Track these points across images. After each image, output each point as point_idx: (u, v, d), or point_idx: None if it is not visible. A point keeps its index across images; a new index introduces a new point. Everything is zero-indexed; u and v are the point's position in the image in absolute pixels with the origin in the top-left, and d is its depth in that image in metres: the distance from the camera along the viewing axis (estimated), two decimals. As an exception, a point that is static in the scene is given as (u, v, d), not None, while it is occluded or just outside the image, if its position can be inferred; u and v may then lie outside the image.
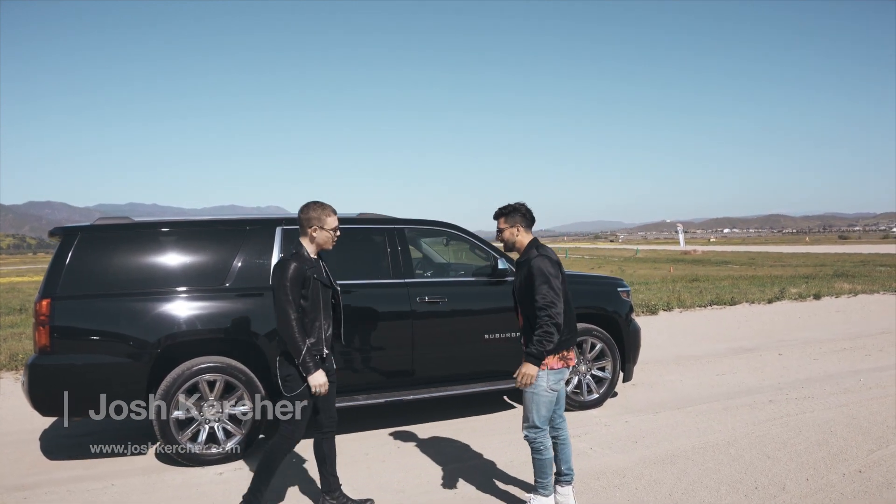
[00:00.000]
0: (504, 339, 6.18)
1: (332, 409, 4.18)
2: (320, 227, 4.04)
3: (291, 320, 3.84)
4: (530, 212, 4.18)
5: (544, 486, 4.05)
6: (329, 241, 4.09)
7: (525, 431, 4.05)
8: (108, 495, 4.71)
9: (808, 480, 4.59)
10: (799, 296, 16.13)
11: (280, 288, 3.85)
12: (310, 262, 3.96)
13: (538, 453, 4.03)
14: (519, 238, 4.15)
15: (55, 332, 5.03)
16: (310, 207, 4.06)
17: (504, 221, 4.18)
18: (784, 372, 8.20)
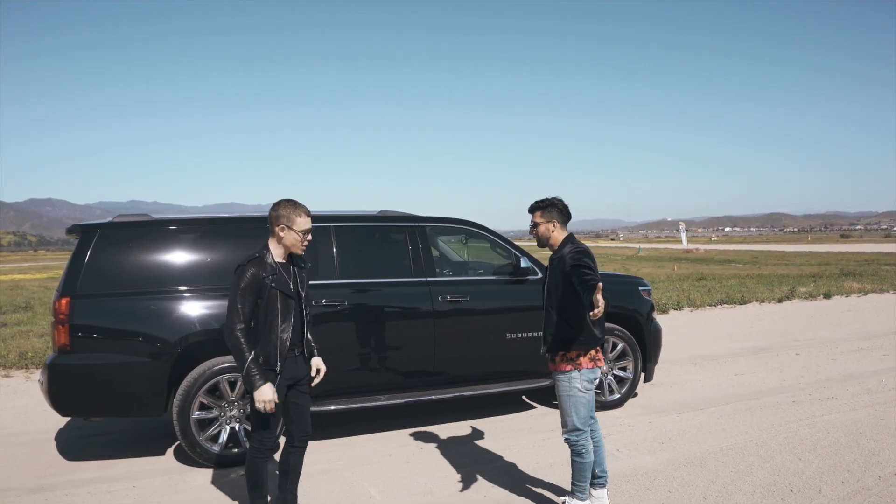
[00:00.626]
0: (526, 338, 6.10)
1: (304, 420, 3.87)
2: (288, 227, 3.66)
3: (235, 330, 3.52)
4: (567, 207, 4.07)
5: (581, 489, 3.97)
6: (298, 243, 3.70)
7: (566, 435, 3.95)
8: (129, 497, 4.63)
9: (844, 483, 4.50)
10: (809, 295, 16.06)
11: (231, 294, 3.57)
12: (271, 269, 3.61)
13: (579, 456, 3.94)
14: (554, 234, 4.03)
15: (75, 332, 4.94)
16: (280, 205, 3.69)
17: (540, 216, 4.04)
18: (804, 372, 8.11)
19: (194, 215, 5.64)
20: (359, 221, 5.94)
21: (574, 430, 3.92)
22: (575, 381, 3.89)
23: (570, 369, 3.89)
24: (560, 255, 3.95)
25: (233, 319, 3.55)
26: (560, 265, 3.90)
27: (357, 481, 4.81)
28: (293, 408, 3.83)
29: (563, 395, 3.92)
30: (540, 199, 4.10)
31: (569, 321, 3.87)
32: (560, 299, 3.90)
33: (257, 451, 3.75)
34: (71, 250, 5.21)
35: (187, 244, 5.36)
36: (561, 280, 3.87)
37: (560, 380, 3.94)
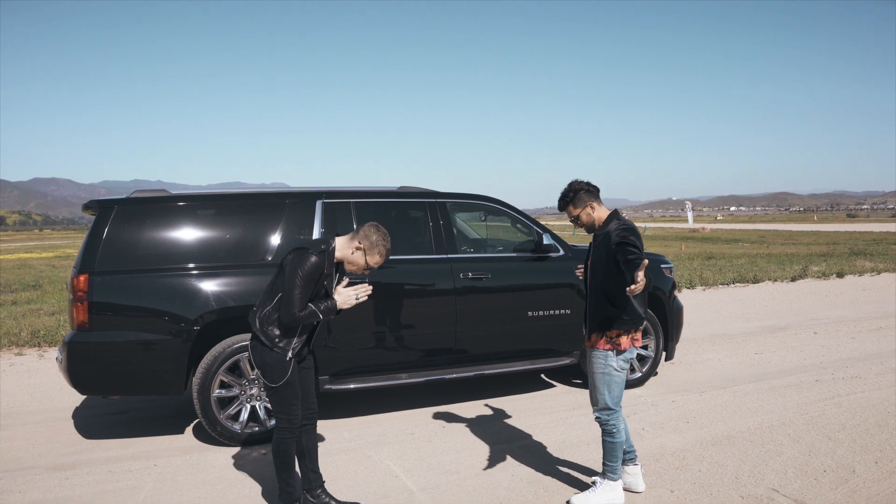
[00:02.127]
0: (548, 316, 6.02)
1: (310, 399, 3.84)
2: (367, 251, 3.59)
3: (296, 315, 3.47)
4: (590, 184, 3.92)
5: (613, 469, 3.89)
6: (356, 268, 3.64)
7: (597, 413, 3.87)
8: (151, 476, 4.58)
9: (877, 463, 4.43)
10: (822, 274, 15.94)
11: (291, 280, 3.48)
12: (329, 268, 3.58)
13: (610, 436, 3.87)
14: (597, 214, 3.88)
15: (94, 309, 4.86)
16: (378, 231, 3.61)
17: (574, 208, 3.89)
18: (823, 351, 8.02)
19: (213, 191, 5.54)
20: (379, 197, 5.82)
21: (605, 408, 3.84)
22: (611, 359, 3.80)
23: (609, 348, 3.80)
24: (605, 231, 3.82)
25: (291, 306, 3.47)
26: (605, 242, 3.77)
27: (381, 460, 4.75)
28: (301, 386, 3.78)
29: (598, 372, 3.83)
30: (564, 193, 3.94)
31: (612, 299, 3.76)
32: (604, 277, 3.79)
33: (286, 430, 3.68)
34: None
35: (205, 220, 5.27)
36: (605, 257, 3.76)
37: (596, 356, 3.85)
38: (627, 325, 3.78)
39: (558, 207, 3.98)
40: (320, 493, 3.89)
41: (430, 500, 4.06)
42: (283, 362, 3.58)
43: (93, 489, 4.38)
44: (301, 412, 3.73)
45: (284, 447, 3.70)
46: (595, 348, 3.86)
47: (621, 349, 3.80)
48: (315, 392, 3.91)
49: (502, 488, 4.19)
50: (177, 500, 4.18)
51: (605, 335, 3.81)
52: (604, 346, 3.81)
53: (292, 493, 3.75)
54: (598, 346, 3.83)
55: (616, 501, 3.87)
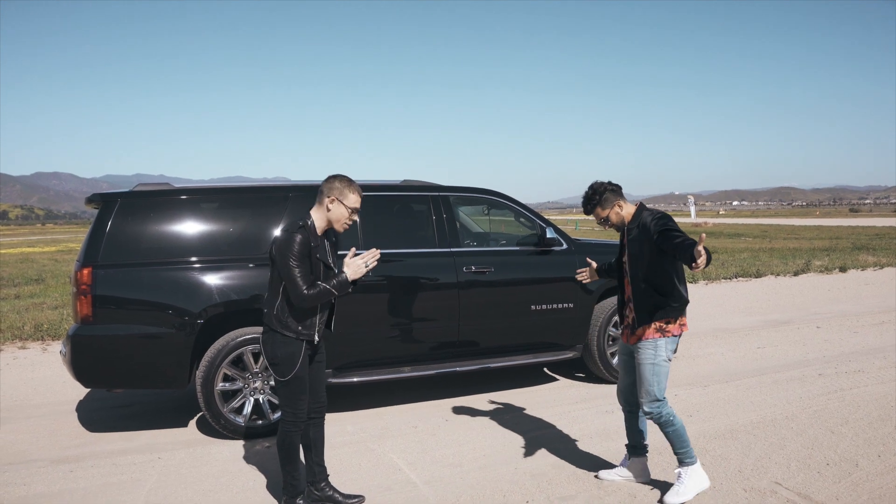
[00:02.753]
0: (551, 309, 6.02)
1: (319, 393, 3.83)
2: (339, 200, 3.58)
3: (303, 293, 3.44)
4: (613, 183, 3.92)
5: (688, 454, 3.85)
6: (343, 219, 3.62)
7: (648, 407, 3.82)
8: (155, 469, 4.59)
9: (881, 457, 4.42)
10: (824, 268, 15.92)
11: (285, 263, 3.46)
12: (316, 239, 3.56)
13: (670, 425, 3.83)
14: (625, 211, 3.89)
15: (97, 302, 4.87)
16: (336, 178, 3.62)
17: (602, 210, 3.89)
18: (826, 345, 8.02)
19: (216, 184, 5.54)
20: (382, 191, 5.82)
21: (655, 400, 3.81)
22: (661, 349, 3.78)
23: (659, 336, 3.78)
24: (639, 224, 3.80)
25: (297, 287, 3.45)
26: (643, 235, 3.75)
27: (384, 453, 4.76)
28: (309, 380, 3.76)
29: (647, 363, 3.79)
30: (588, 196, 3.92)
31: (658, 289, 3.75)
32: (648, 268, 3.75)
33: (291, 423, 3.67)
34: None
35: (209, 214, 5.27)
36: (647, 249, 3.73)
37: (645, 348, 3.80)
38: (676, 311, 3.78)
39: (585, 211, 3.96)
40: (324, 486, 3.90)
41: (433, 492, 4.07)
42: (294, 356, 3.57)
43: (97, 482, 4.39)
44: (307, 406, 3.74)
45: (289, 440, 3.70)
46: (642, 339, 3.82)
47: (672, 335, 3.80)
48: (325, 386, 3.91)
49: (505, 481, 4.20)
50: (181, 492, 4.19)
51: (653, 324, 3.78)
52: (653, 334, 3.78)
53: (296, 486, 3.75)
54: (648, 336, 3.79)
55: (704, 485, 3.86)
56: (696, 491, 3.83)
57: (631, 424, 4.15)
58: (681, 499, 3.79)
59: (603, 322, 6.22)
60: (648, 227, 3.73)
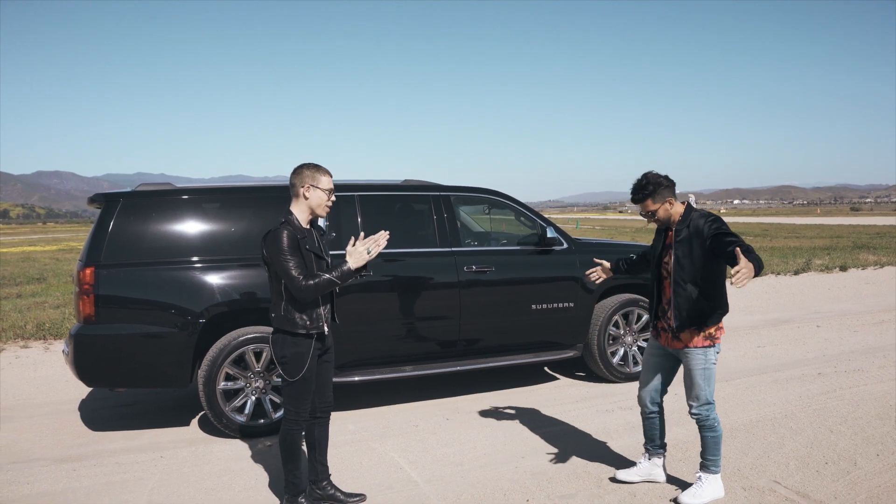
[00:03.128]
0: (551, 309, 6.04)
1: (326, 393, 3.86)
2: (313, 186, 3.61)
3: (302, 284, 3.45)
4: (669, 178, 3.78)
5: (716, 462, 3.85)
6: (322, 202, 3.65)
7: (698, 410, 3.80)
8: (158, 467, 4.62)
9: (879, 456, 4.45)
10: (825, 267, 15.92)
11: (278, 259, 3.47)
12: (301, 231, 3.59)
13: (712, 430, 3.81)
14: (674, 209, 3.77)
15: (100, 302, 4.89)
16: (303, 167, 3.66)
17: (652, 203, 3.74)
18: (826, 344, 8.04)
19: (218, 184, 5.56)
20: (383, 191, 5.84)
21: (706, 403, 3.78)
22: (710, 354, 3.75)
23: (710, 344, 3.74)
24: (689, 225, 3.71)
25: (294, 280, 3.47)
26: (694, 237, 3.67)
27: (385, 452, 4.79)
28: (316, 378, 3.77)
29: (698, 368, 3.75)
30: (641, 185, 3.76)
31: (707, 294, 3.68)
32: (696, 272, 3.68)
33: (293, 422, 3.70)
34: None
35: (211, 213, 5.30)
36: (699, 252, 3.65)
37: (695, 354, 3.76)
38: (720, 317, 3.73)
39: (634, 200, 3.82)
40: (326, 485, 3.92)
41: (434, 491, 4.10)
42: (303, 356, 3.58)
43: (100, 480, 4.42)
44: (310, 407, 3.76)
45: (291, 439, 3.73)
46: (692, 347, 3.77)
47: (719, 342, 3.77)
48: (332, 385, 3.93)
49: (506, 480, 4.23)
50: (183, 491, 4.22)
51: (701, 331, 3.73)
52: (703, 342, 3.73)
53: (298, 485, 3.77)
54: (695, 343, 3.75)
55: (719, 494, 3.84)
56: (712, 498, 3.82)
57: (653, 424, 4.11)
58: (697, 500, 3.78)
59: (603, 321, 6.24)
60: (701, 229, 3.64)
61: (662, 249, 3.90)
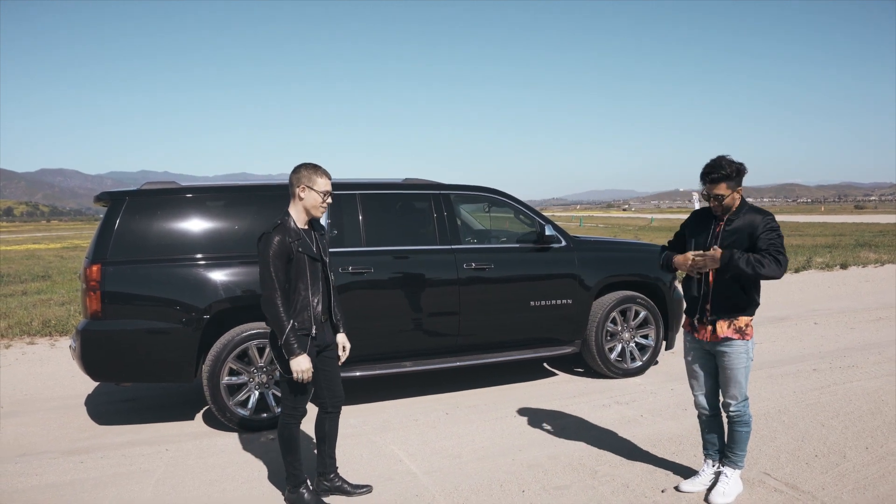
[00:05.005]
0: (550, 305, 6.15)
1: (336, 386, 3.93)
2: (309, 187, 3.67)
3: (276, 299, 3.57)
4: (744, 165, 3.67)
5: (743, 458, 3.90)
6: (317, 204, 3.70)
7: (737, 408, 3.81)
8: (163, 460, 4.73)
9: (868, 449, 4.54)
10: (825, 265, 15.98)
11: (263, 263, 3.58)
12: (295, 234, 3.64)
13: (747, 426, 3.85)
14: (737, 198, 3.69)
15: (106, 298, 5.01)
16: (301, 167, 3.73)
17: (727, 187, 3.61)
18: (823, 341, 8.12)
19: (222, 183, 5.66)
20: (384, 189, 5.95)
21: (745, 399, 3.82)
22: (750, 350, 3.78)
23: (748, 339, 3.75)
24: (744, 218, 3.67)
25: (269, 288, 3.58)
26: (748, 230, 3.63)
27: (385, 445, 4.89)
28: (322, 374, 3.86)
29: (738, 366, 3.75)
30: (720, 165, 3.60)
31: (745, 288, 3.70)
32: None
33: (290, 417, 3.81)
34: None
35: (215, 211, 5.40)
36: (745, 245, 3.62)
37: (735, 350, 3.74)
38: (753, 311, 3.75)
39: (710, 179, 3.62)
40: (333, 478, 4.02)
41: (432, 482, 4.20)
42: None
43: (107, 472, 4.54)
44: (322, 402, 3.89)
45: (288, 433, 3.83)
46: (729, 340, 3.75)
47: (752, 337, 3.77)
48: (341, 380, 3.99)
49: (502, 471, 4.33)
50: (188, 482, 4.33)
51: (735, 325, 3.73)
52: (738, 336, 3.73)
53: (298, 476, 3.88)
54: (732, 336, 3.73)
55: (741, 490, 3.90)
56: (737, 493, 3.87)
57: (714, 426, 4.03)
58: (727, 499, 3.81)
59: (601, 318, 6.34)
60: (756, 226, 3.61)
61: (710, 238, 3.77)
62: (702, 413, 4.02)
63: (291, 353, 3.59)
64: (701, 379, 3.97)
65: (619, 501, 3.87)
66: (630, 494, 3.96)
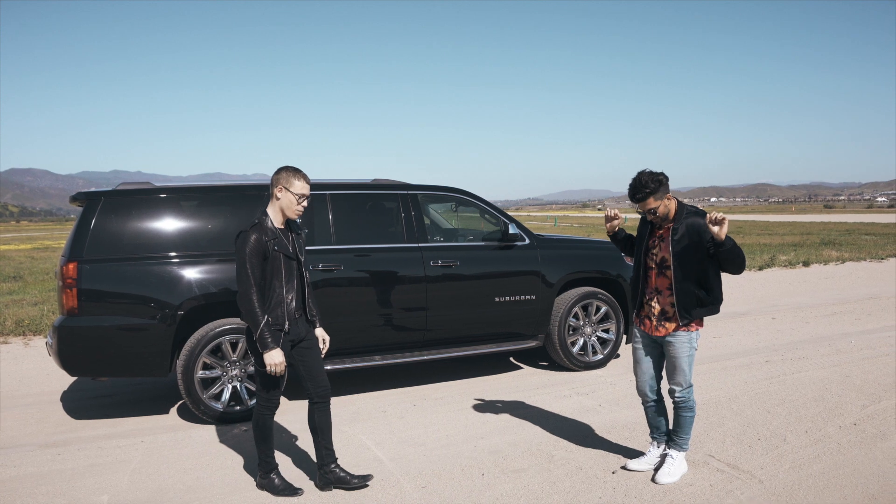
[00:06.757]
0: (514, 301, 6.39)
1: (319, 378, 4.04)
2: (286, 188, 3.82)
3: (251, 295, 3.72)
4: (664, 174, 3.94)
5: (687, 441, 4.17)
6: (292, 205, 3.86)
7: (681, 393, 4.09)
8: (138, 451, 4.90)
9: (807, 433, 4.85)
10: (788, 263, 16.48)
11: (240, 260, 3.74)
12: (272, 233, 3.80)
13: (691, 411, 4.13)
14: (670, 205, 3.97)
15: (82, 295, 5.16)
16: (282, 169, 3.89)
17: (654, 200, 3.89)
18: (778, 335, 8.48)
19: (195, 183, 5.83)
20: (353, 189, 6.15)
21: (689, 386, 4.10)
22: (694, 340, 4.05)
23: (688, 330, 4.02)
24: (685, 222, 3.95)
25: (245, 284, 3.75)
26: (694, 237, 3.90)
27: (354, 435, 5.10)
28: (302, 366, 4.01)
29: (683, 355, 4.02)
30: (642, 183, 3.89)
31: (705, 286, 3.96)
32: (697, 265, 3.93)
33: (265, 408, 3.99)
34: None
35: (189, 211, 5.58)
36: (697, 247, 3.89)
37: (680, 340, 4.02)
38: (713, 309, 4.02)
39: (635, 199, 3.93)
40: (334, 468, 4.11)
41: (397, 468, 4.43)
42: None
43: (83, 463, 4.69)
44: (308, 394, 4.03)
45: (263, 422, 4.02)
46: (677, 332, 4.02)
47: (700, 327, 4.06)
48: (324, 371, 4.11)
49: (465, 457, 4.57)
50: (163, 471, 4.50)
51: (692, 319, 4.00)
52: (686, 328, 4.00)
53: (269, 463, 4.08)
54: (681, 329, 4.00)
55: (685, 470, 4.18)
56: (682, 473, 4.16)
57: (656, 413, 4.30)
58: (672, 479, 4.09)
59: (563, 313, 6.60)
60: (700, 230, 3.88)
61: (650, 241, 4.10)
62: (644, 400, 4.30)
63: (265, 348, 3.76)
64: (645, 366, 4.24)
65: (572, 482, 4.13)
66: (583, 476, 4.22)
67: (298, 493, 4.05)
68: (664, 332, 4.07)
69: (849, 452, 4.46)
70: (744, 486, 4.00)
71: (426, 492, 4.06)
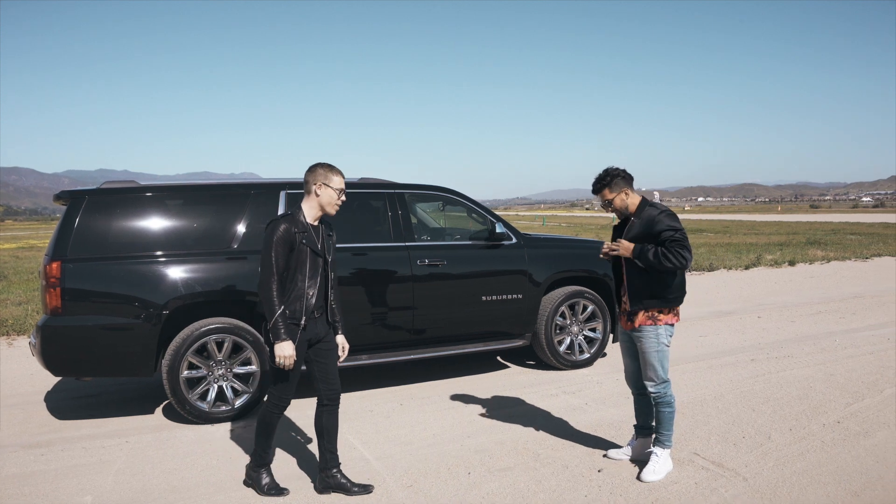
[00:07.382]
0: (501, 300, 6.40)
1: (331, 380, 3.99)
2: (325, 185, 3.81)
3: (271, 283, 3.71)
4: (627, 172, 4.14)
5: (670, 437, 4.20)
6: (333, 201, 3.86)
7: (655, 389, 4.13)
8: (123, 451, 4.86)
9: (791, 430, 4.88)
10: (774, 262, 16.60)
11: (265, 247, 3.73)
12: (303, 227, 3.79)
13: (668, 406, 4.17)
14: (630, 200, 4.13)
15: (66, 295, 5.11)
16: (318, 165, 3.88)
17: (609, 192, 4.11)
18: (763, 334, 8.54)
19: (180, 182, 5.80)
20: (340, 188, 6.13)
21: (662, 381, 4.14)
22: (662, 336, 4.09)
23: (659, 324, 4.08)
24: (643, 217, 4.07)
25: (267, 273, 3.71)
26: (646, 229, 4.03)
27: (341, 434, 5.04)
28: (317, 366, 3.97)
29: (651, 350, 4.09)
30: (600, 177, 4.15)
31: (656, 279, 4.03)
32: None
33: (275, 406, 3.94)
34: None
35: (174, 210, 5.55)
36: (651, 239, 4.01)
37: (647, 337, 4.10)
38: (671, 302, 4.08)
39: (593, 191, 4.19)
40: (335, 473, 4.04)
41: (383, 466, 4.42)
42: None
43: (67, 463, 4.66)
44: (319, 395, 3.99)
45: (269, 419, 3.99)
46: (642, 327, 4.11)
47: (666, 323, 4.10)
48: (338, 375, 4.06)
49: (451, 456, 4.57)
50: (148, 471, 4.47)
51: (649, 312, 4.08)
52: (648, 322, 4.08)
53: (264, 458, 4.06)
54: (644, 324, 4.10)
55: (670, 468, 4.20)
56: (667, 471, 4.17)
57: (640, 405, 4.41)
58: (657, 477, 4.11)
59: (550, 312, 6.62)
60: (653, 221, 4.01)
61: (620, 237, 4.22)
62: (632, 392, 4.44)
63: (277, 338, 3.72)
64: (626, 361, 4.40)
65: (558, 480, 4.14)
66: (569, 474, 4.23)
67: (284, 493, 4.03)
68: (631, 326, 4.20)
69: (832, 450, 4.50)
70: (728, 483, 4.03)
71: (412, 491, 4.05)
